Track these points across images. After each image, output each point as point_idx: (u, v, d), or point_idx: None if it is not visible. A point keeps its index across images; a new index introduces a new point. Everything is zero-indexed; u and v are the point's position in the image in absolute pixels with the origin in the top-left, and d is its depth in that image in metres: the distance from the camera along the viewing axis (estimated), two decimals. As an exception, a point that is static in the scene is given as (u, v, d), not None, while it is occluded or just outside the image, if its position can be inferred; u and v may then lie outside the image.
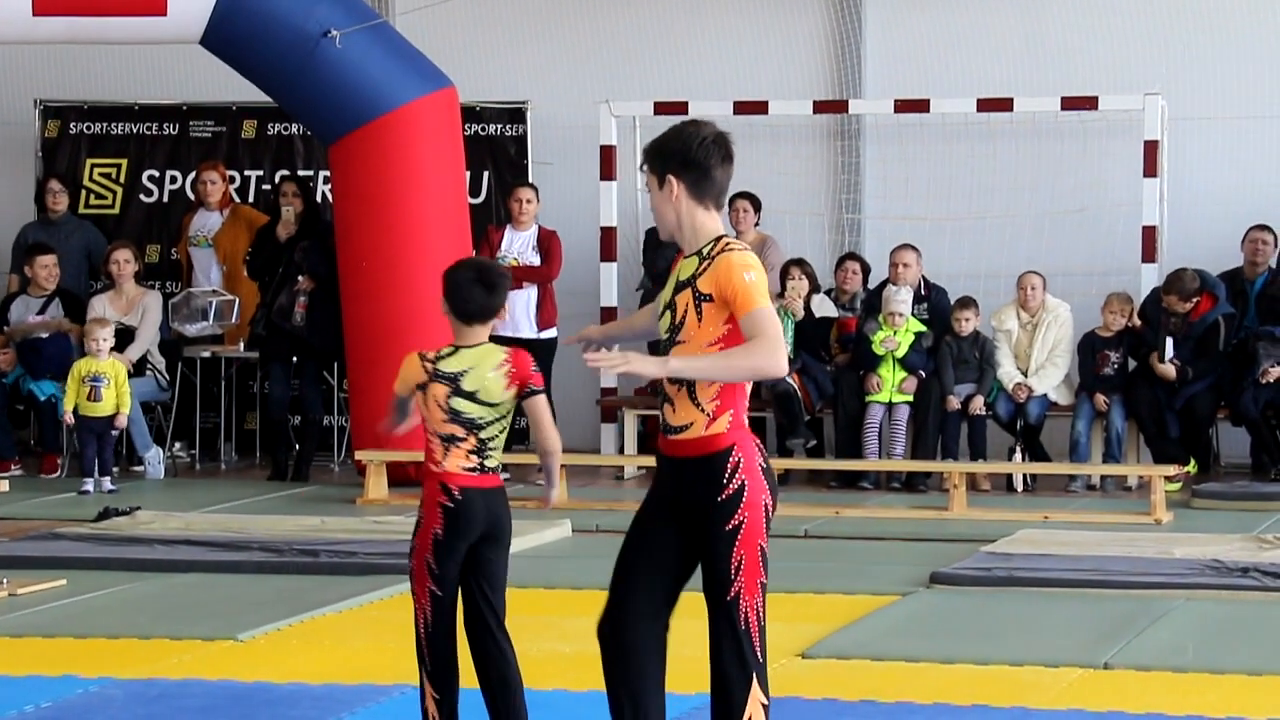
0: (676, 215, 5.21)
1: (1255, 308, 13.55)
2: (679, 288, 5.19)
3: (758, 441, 5.21)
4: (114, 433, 13.12)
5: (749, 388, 5.25)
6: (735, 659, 5.13)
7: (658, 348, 5.37)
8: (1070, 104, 14.04)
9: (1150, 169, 13.76)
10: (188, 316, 14.18)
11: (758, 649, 5.13)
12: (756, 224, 14.17)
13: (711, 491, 5.12)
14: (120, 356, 13.38)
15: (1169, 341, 13.01)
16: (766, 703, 5.15)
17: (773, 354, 5.06)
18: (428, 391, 5.92)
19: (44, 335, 13.89)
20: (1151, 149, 13.76)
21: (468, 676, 6.01)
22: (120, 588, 9.23)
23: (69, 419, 13.02)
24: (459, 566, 5.90)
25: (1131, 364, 13.33)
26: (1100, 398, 13.18)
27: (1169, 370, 12.99)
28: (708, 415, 5.13)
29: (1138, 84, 14.04)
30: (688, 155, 5.19)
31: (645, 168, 5.28)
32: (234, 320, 14.21)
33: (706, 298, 5.13)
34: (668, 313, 5.23)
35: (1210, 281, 13.26)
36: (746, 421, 5.20)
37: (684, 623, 5.42)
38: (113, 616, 8.57)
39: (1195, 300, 13.11)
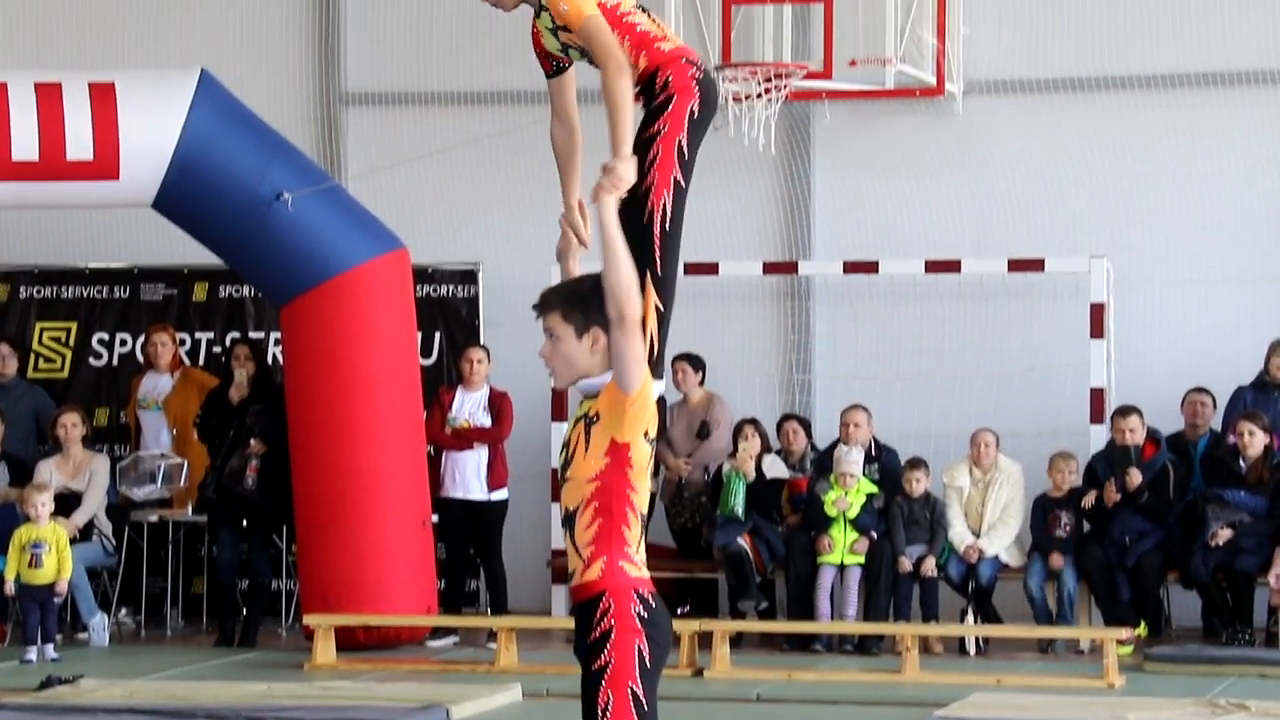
0: (588, 366, 5.24)
1: (1200, 469, 13.58)
2: (574, 424, 5.31)
3: (648, 588, 5.15)
4: (56, 600, 12.93)
5: (634, 531, 5.14)
6: None
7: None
8: (1017, 266, 14.14)
9: (1097, 330, 13.85)
10: (136, 480, 14.07)
11: None
12: (701, 383, 14.18)
13: (583, 635, 5.14)
14: (65, 522, 13.23)
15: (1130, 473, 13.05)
16: None
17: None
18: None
19: (-10, 508, 13.74)
20: (1098, 311, 13.85)
21: None
22: (63, 756, 9.08)
23: (9, 589, 12.85)
24: None
25: (1086, 527, 13.34)
26: (1056, 556, 13.16)
27: (1136, 477, 12.96)
28: (583, 560, 5.15)
29: (1083, 247, 14.17)
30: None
31: (560, 315, 5.26)
32: (182, 483, 14.11)
33: (594, 418, 5.22)
34: (564, 449, 5.33)
35: (1152, 430, 13.34)
36: (633, 568, 5.12)
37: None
38: (55, 785, 8.43)
39: (1145, 433, 13.16)
